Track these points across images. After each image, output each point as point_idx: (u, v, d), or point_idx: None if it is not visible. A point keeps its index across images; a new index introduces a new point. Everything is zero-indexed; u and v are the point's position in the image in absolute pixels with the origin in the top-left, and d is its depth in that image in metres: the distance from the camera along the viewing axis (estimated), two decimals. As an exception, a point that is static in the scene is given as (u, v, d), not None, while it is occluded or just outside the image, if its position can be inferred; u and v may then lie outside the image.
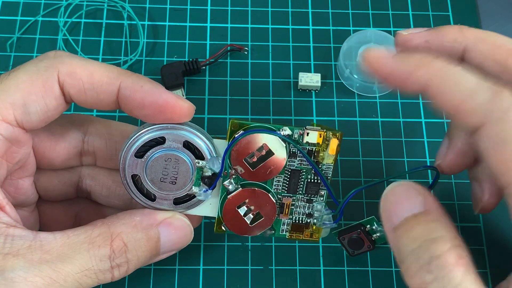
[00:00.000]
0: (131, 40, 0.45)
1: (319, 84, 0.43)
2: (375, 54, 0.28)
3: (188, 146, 0.30)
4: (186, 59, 0.44)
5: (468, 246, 0.38)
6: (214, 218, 0.32)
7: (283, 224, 0.32)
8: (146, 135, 0.30)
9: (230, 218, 0.31)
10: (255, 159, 0.30)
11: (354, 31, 0.46)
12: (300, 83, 0.43)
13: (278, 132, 0.30)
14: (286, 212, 0.32)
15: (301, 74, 0.44)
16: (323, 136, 0.31)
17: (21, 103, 0.28)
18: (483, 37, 0.28)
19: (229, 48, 0.45)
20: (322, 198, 0.32)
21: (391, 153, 0.42)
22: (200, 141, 0.30)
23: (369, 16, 0.47)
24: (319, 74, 0.44)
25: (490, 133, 0.25)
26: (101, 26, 0.46)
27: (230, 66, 0.45)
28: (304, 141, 0.31)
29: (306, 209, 0.32)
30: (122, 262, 0.28)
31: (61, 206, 0.35)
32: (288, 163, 0.31)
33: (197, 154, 0.30)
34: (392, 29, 0.47)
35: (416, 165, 0.42)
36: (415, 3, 0.48)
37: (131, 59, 0.44)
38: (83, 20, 0.46)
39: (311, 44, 0.46)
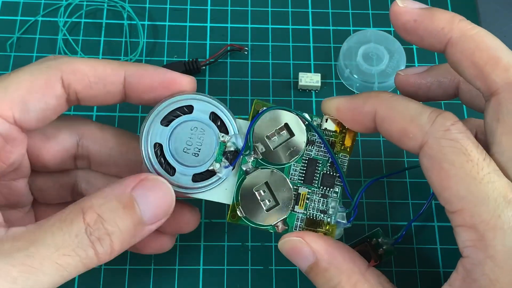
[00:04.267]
0: (131, 40, 0.45)
1: (319, 84, 0.43)
2: (329, 102, 0.31)
3: (214, 119, 0.30)
4: (186, 59, 0.44)
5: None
6: (227, 205, 0.31)
7: (297, 219, 0.31)
8: (174, 103, 0.30)
9: (246, 202, 0.31)
10: (275, 139, 0.31)
11: (354, 31, 0.46)
12: (300, 83, 0.43)
13: (301, 113, 0.31)
14: (302, 204, 0.31)
15: (301, 74, 0.44)
16: (341, 124, 0.31)
17: (21, 100, 0.28)
18: (470, 34, 0.27)
19: (229, 48, 0.45)
20: (336, 195, 0.32)
21: (391, 153, 0.42)
22: (225, 116, 0.30)
23: (369, 16, 0.47)
24: (319, 74, 0.44)
25: (430, 151, 0.26)
26: (101, 26, 0.46)
27: (230, 66, 0.45)
28: (323, 128, 0.31)
29: (321, 205, 0.32)
30: (102, 234, 0.26)
31: (57, 209, 0.34)
32: (305, 151, 0.31)
33: (221, 128, 0.30)
34: (392, 29, 0.47)
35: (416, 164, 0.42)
36: (415, 3, 0.48)
37: (131, 59, 0.44)
38: (83, 20, 0.46)
39: (311, 44, 0.46)
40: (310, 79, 0.44)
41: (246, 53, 0.45)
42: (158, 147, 0.30)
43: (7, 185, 0.31)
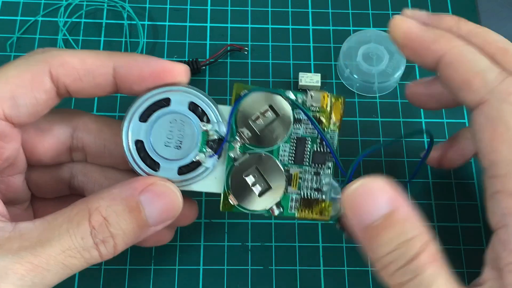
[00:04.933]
0: (131, 40, 0.45)
1: (319, 84, 0.43)
2: (402, 21, 0.30)
3: (194, 109, 0.30)
4: (186, 59, 0.44)
5: (467, 245, 0.38)
6: (219, 195, 0.31)
7: (291, 200, 0.31)
8: (150, 98, 0.30)
9: (238, 188, 0.30)
10: (261, 121, 0.30)
11: (354, 31, 0.46)
12: (300, 83, 0.43)
13: (284, 92, 0.30)
14: (295, 184, 0.31)
15: (301, 74, 0.44)
16: (327, 99, 0.30)
17: (10, 96, 0.28)
18: (477, 31, 0.28)
19: (229, 48, 0.45)
20: (329, 171, 0.31)
21: (391, 153, 0.42)
22: (205, 104, 0.30)
23: (369, 16, 0.47)
24: (319, 74, 0.44)
25: (489, 110, 0.26)
26: (101, 26, 0.46)
27: (230, 66, 0.45)
28: (308, 105, 0.31)
29: (314, 183, 0.31)
30: (106, 237, 0.27)
31: (55, 204, 0.34)
32: (293, 130, 0.31)
33: (202, 117, 0.30)
34: (392, 29, 0.47)
35: (416, 165, 0.42)
36: (415, 3, 0.48)
37: (131, 59, 0.44)
38: (83, 20, 0.46)
39: (311, 44, 0.46)
40: (310, 79, 0.44)
41: (246, 53, 0.45)
42: (140, 144, 0.30)
43: (4, 181, 0.31)
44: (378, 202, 0.26)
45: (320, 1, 0.48)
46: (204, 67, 0.44)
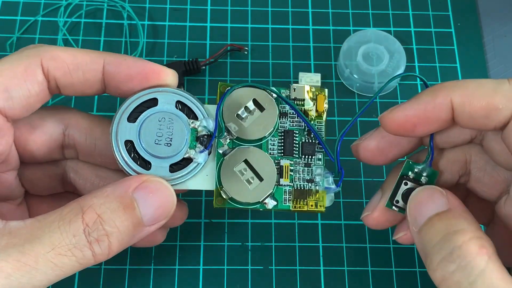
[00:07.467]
0: (131, 40, 0.45)
1: (319, 84, 0.43)
2: (393, 114, 0.29)
3: (181, 107, 0.30)
4: (186, 59, 0.44)
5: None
6: (212, 192, 0.31)
7: (285, 192, 0.31)
8: (138, 99, 0.30)
9: (229, 183, 0.30)
10: (247, 116, 0.31)
11: (354, 31, 0.46)
12: (300, 83, 0.43)
13: (267, 87, 0.31)
14: (286, 176, 0.31)
15: (301, 74, 0.44)
16: (310, 92, 0.32)
17: (3, 88, 0.28)
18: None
19: (229, 48, 0.45)
20: (320, 162, 0.31)
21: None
22: (192, 103, 0.30)
23: (369, 16, 0.47)
24: (319, 74, 0.44)
25: None
26: (101, 26, 0.46)
27: (230, 66, 0.45)
28: (292, 98, 0.31)
29: (306, 175, 0.31)
30: (101, 235, 0.26)
31: (49, 201, 0.34)
32: (279, 124, 0.31)
33: (190, 115, 0.30)
34: (392, 29, 0.47)
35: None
36: (415, 3, 0.48)
37: (131, 59, 0.44)
38: (83, 20, 0.46)
39: (311, 44, 0.46)
40: (310, 79, 0.43)
41: (246, 53, 0.45)
42: (130, 144, 0.30)
43: None
44: (435, 202, 0.27)
45: (320, 1, 0.48)
46: (204, 67, 0.44)
